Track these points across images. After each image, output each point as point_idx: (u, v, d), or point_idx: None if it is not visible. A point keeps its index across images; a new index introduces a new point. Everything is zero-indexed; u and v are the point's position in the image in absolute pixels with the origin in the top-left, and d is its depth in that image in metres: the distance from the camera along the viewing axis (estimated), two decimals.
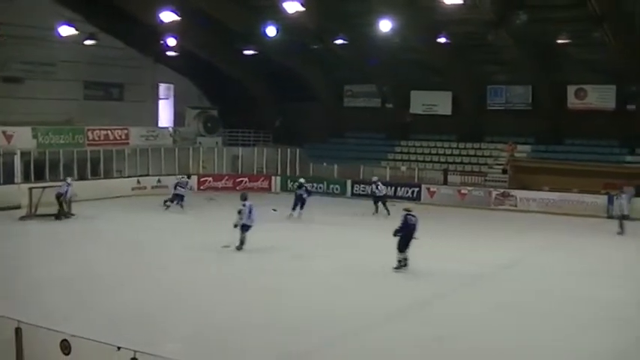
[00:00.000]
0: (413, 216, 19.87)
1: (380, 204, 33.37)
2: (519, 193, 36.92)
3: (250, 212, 22.37)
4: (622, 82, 39.01)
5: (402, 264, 19.79)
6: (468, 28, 37.68)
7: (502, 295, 17.69)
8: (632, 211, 31.78)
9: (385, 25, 35.98)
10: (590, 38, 37.20)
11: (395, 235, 19.76)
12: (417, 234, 19.82)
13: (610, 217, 33.72)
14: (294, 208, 31.65)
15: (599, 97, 39.77)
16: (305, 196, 31.86)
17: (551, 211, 34.83)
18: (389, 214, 31.96)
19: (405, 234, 19.64)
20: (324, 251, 23.22)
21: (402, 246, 19.69)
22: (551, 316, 15.48)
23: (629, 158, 38.34)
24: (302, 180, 33.57)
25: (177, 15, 35.87)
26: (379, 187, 34.03)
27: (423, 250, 19.97)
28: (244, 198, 23.07)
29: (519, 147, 40.39)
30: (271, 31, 38.10)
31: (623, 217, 29.91)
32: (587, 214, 34.05)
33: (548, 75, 40.43)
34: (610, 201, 34.22)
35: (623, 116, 38.53)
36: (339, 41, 39.77)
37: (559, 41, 37.97)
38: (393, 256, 19.84)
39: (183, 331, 13.71)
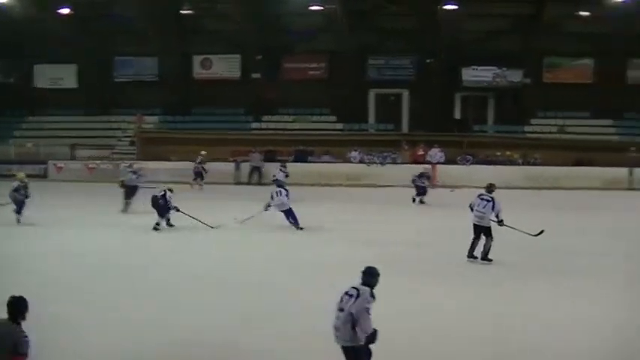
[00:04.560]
0: None
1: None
2: (150, 164, 35.19)
3: None
4: (246, 51, 38.58)
5: None
6: None
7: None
8: (266, 176, 31.90)
9: None
10: (216, 9, 36.71)
11: None
12: None
13: (238, 182, 33.29)
14: None
15: (225, 66, 39.15)
16: None
17: (181, 180, 33.46)
18: None
19: None
20: None
21: None
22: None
23: (254, 125, 37.94)
24: None
25: None
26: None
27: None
28: None
29: (148, 118, 38.20)
30: None
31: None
32: (215, 181, 32.97)
33: (174, 46, 38.61)
34: (237, 167, 33.70)
35: (248, 85, 37.99)
36: None
37: (184, 12, 37.09)
38: None
39: None
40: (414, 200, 25.12)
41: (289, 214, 19.02)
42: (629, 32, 35.04)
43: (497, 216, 14.43)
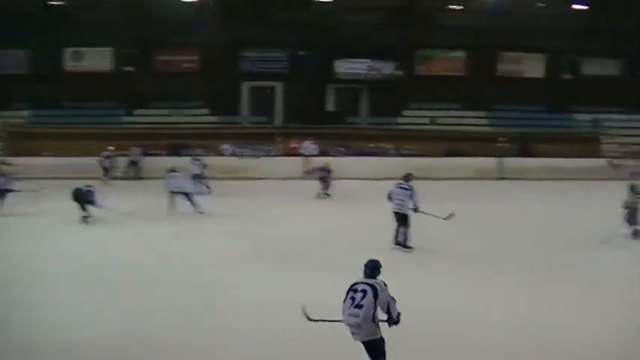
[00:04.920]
0: None
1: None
2: (20, 160, 34.20)
3: None
4: (119, 44, 37.71)
5: None
6: None
7: None
8: (144, 171, 31.68)
9: None
10: (87, 1, 36.01)
11: None
12: None
13: (112, 177, 32.60)
14: None
15: (97, 59, 38.01)
16: None
17: (54, 176, 32.61)
18: None
19: None
20: None
21: None
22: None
23: (127, 119, 37.10)
24: None
25: None
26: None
27: None
28: None
29: (17, 112, 36.68)
30: None
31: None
32: (88, 176, 32.34)
33: (43, 38, 36.88)
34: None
35: (121, 78, 37.22)
36: None
37: (53, 3, 36.13)
38: None
39: None
40: (319, 195, 25.09)
41: (188, 197, 19.75)
42: (499, 25, 35.94)
43: (414, 204, 15.22)
